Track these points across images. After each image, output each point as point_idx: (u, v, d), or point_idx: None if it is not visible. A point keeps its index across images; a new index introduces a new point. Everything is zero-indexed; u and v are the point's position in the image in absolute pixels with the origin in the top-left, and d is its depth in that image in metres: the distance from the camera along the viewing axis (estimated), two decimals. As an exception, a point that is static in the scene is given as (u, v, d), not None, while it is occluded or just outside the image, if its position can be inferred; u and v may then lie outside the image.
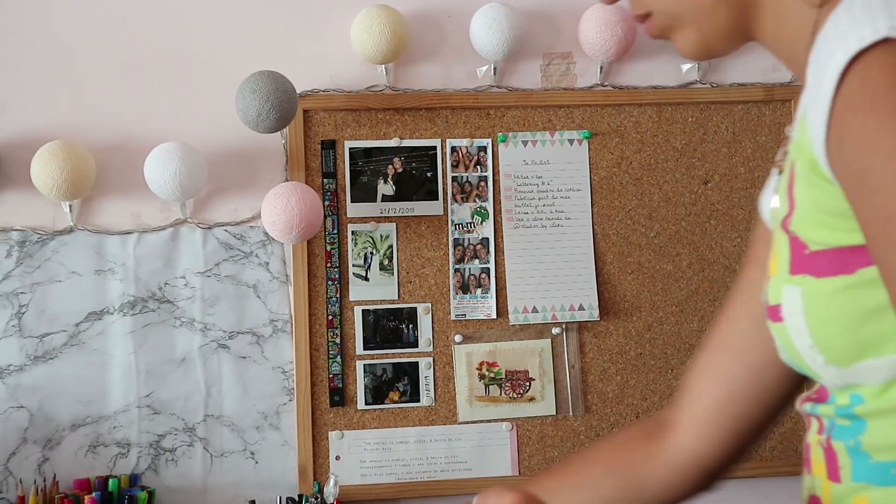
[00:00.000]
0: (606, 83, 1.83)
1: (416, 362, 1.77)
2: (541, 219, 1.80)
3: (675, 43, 0.91)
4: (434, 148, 1.79)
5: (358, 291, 1.76)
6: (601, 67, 1.81)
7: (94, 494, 1.61)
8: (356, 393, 1.75)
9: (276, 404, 1.74)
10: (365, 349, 1.76)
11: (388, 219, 1.77)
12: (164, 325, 1.73)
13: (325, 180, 1.76)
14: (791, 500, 1.99)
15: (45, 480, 1.67)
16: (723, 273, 1.83)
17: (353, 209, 1.76)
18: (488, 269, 1.78)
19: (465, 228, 1.79)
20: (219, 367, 1.73)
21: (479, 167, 1.79)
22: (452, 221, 1.78)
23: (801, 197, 0.81)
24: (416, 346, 1.77)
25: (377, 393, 1.76)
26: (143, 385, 1.72)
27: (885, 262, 0.72)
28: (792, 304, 0.82)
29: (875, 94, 0.71)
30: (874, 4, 0.73)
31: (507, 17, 1.73)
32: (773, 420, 1.01)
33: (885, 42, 0.71)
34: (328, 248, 1.76)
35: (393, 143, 1.77)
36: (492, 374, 1.78)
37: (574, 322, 1.80)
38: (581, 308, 1.79)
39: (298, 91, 1.70)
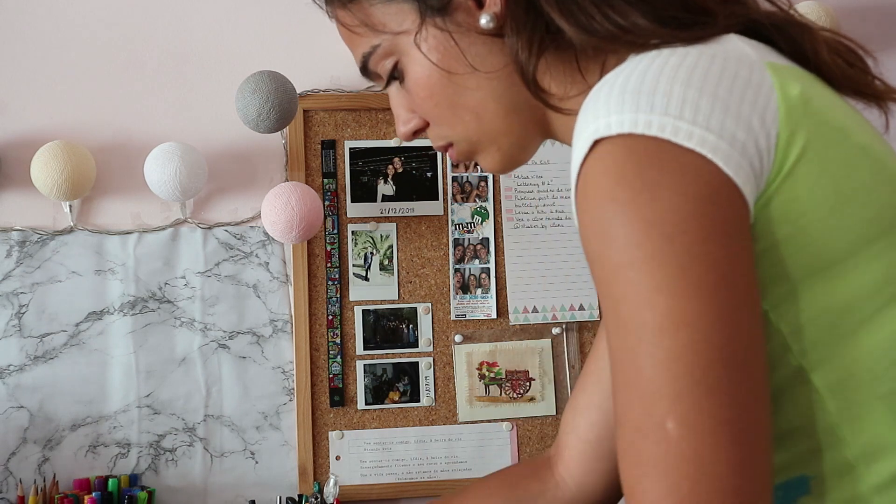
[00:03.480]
0: (606, 83, 1.82)
1: (416, 362, 1.77)
2: (541, 219, 1.80)
3: (482, 163, 0.95)
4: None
5: (358, 291, 1.76)
6: (601, 67, 1.81)
7: (94, 494, 1.61)
8: (356, 393, 1.75)
9: (276, 404, 1.74)
10: (365, 349, 1.76)
11: (388, 219, 1.77)
12: (164, 325, 1.73)
13: (325, 180, 1.76)
14: (791, 500, 1.98)
15: (45, 480, 1.67)
16: (723, 273, 1.83)
17: (353, 209, 1.76)
18: (488, 269, 1.78)
19: (465, 228, 1.79)
20: (219, 367, 1.73)
21: (479, 167, 1.79)
22: (452, 221, 1.78)
23: None
24: (416, 346, 1.77)
25: (377, 393, 1.76)
26: (143, 385, 1.72)
27: (613, 351, 0.72)
28: None
29: (598, 186, 0.72)
30: (614, 95, 0.74)
31: (507, 17, 1.73)
32: None
33: (619, 137, 0.72)
34: (328, 248, 1.76)
35: (393, 143, 1.77)
36: (492, 374, 1.78)
37: (574, 322, 1.80)
38: (581, 308, 1.79)
39: (298, 91, 1.70)
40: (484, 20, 0.85)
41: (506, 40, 0.85)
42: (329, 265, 1.75)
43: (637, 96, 0.72)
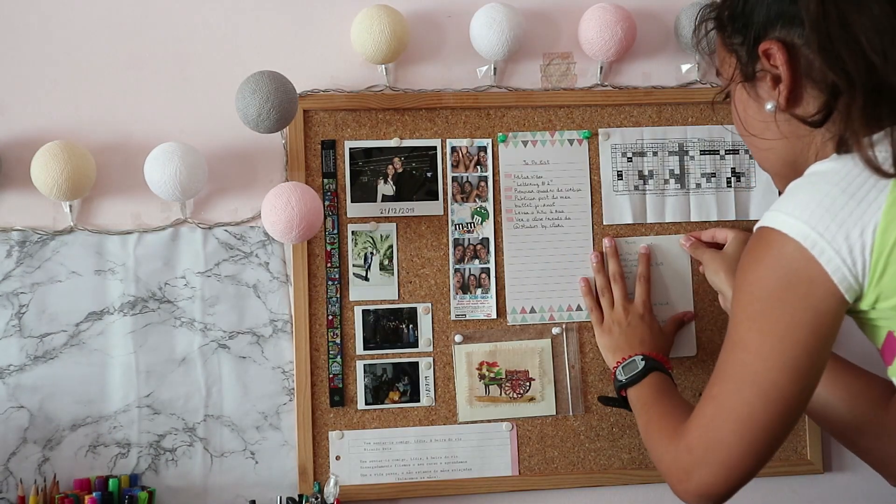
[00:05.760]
0: (606, 83, 1.83)
1: (416, 362, 1.77)
2: (541, 219, 1.80)
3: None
4: (434, 148, 1.79)
5: (358, 291, 1.76)
6: (601, 67, 1.81)
7: (94, 494, 1.61)
8: (356, 393, 1.75)
9: (276, 404, 1.74)
10: (365, 349, 1.76)
11: (388, 219, 1.77)
12: (164, 325, 1.73)
13: (325, 180, 1.76)
14: (791, 500, 2.00)
15: (45, 480, 1.67)
16: (723, 273, 1.83)
17: (353, 209, 1.77)
18: (488, 269, 1.78)
19: (465, 228, 1.79)
20: (219, 367, 1.73)
21: (479, 167, 1.79)
22: (452, 221, 1.78)
23: None
24: (416, 346, 1.77)
25: (377, 393, 1.76)
26: (143, 385, 1.72)
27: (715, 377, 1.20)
28: None
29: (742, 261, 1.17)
30: (785, 197, 1.13)
31: (507, 17, 1.73)
32: None
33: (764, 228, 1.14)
34: (328, 248, 1.76)
35: (393, 143, 1.78)
36: (492, 374, 1.78)
37: (574, 322, 1.80)
38: (580, 308, 1.79)
39: (298, 91, 1.71)
40: (768, 106, 1.20)
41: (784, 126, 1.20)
42: (329, 265, 1.76)
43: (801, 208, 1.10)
